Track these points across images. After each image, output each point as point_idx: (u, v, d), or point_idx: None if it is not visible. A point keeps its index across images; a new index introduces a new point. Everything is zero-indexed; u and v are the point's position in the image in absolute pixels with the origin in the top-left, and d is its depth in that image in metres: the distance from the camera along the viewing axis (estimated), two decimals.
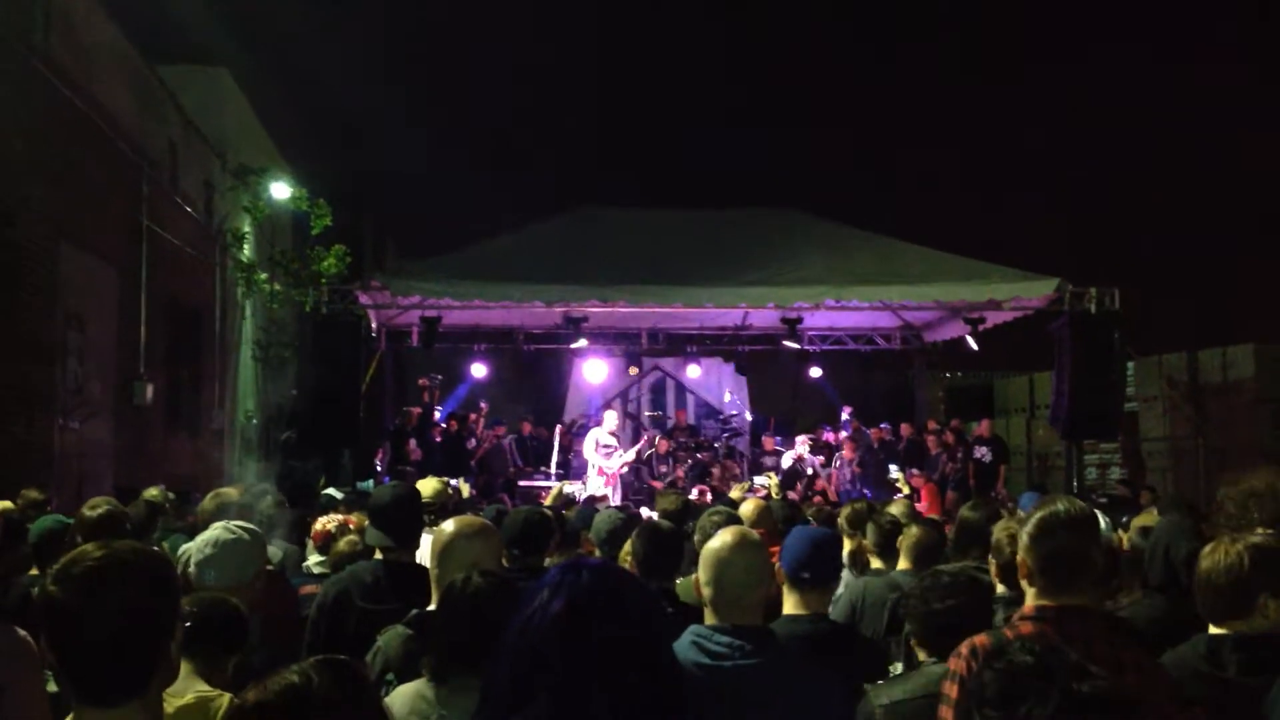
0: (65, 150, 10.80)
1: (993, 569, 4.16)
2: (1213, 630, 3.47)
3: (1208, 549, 3.58)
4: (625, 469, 16.15)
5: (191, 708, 3.10)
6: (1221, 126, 27.10)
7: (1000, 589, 4.08)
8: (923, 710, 3.23)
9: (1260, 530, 3.73)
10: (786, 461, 17.17)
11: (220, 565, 4.08)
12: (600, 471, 15.46)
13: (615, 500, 14.35)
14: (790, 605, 3.86)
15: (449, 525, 3.94)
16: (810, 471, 17.04)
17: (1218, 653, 3.39)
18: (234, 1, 14.98)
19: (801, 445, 17.28)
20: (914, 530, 5.60)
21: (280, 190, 16.06)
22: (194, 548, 4.21)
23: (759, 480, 14.81)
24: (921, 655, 3.74)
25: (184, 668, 3.04)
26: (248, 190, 15.98)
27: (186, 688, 3.15)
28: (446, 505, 5.47)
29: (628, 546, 4.94)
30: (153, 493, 7.49)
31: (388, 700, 3.18)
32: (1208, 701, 2.92)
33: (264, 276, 15.76)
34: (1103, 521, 4.96)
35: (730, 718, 2.88)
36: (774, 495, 14.05)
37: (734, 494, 10.81)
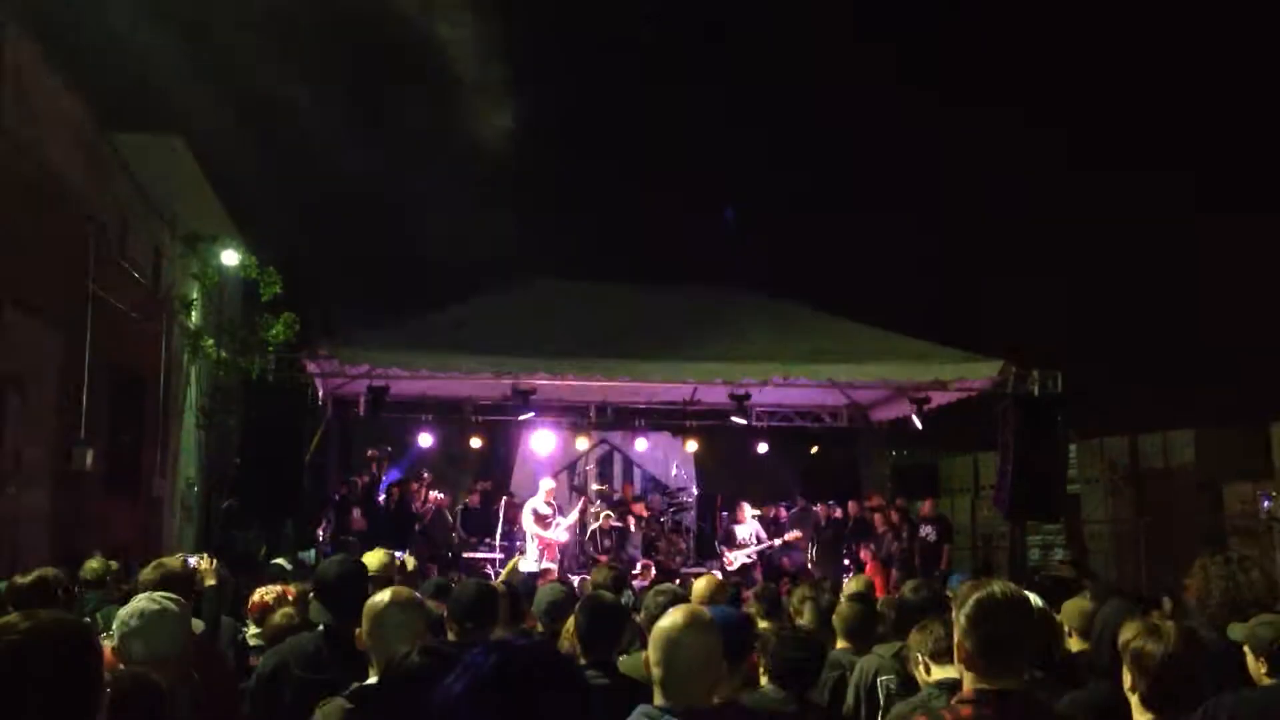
0: (12, 212, 10.69)
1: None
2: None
3: (1150, 639, 3.52)
4: (567, 539, 16.03)
5: None
6: (1167, 215, 27.59)
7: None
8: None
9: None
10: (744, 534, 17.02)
11: (146, 637, 3.99)
12: (541, 542, 15.35)
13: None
14: None
15: (383, 596, 3.95)
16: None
17: None
18: (190, 68, 14.99)
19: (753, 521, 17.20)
20: (843, 608, 5.66)
21: (230, 258, 16.00)
22: (119, 620, 4.12)
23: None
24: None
25: None
26: (197, 257, 15.90)
27: None
28: (392, 579, 5.42)
29: (572, 620, 4.93)
30: (94, 564, 7.31)
31: None
32: None
33: (211, 343, 15.63)
34: (1038, 601, 5.03)
35: None
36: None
37: None
